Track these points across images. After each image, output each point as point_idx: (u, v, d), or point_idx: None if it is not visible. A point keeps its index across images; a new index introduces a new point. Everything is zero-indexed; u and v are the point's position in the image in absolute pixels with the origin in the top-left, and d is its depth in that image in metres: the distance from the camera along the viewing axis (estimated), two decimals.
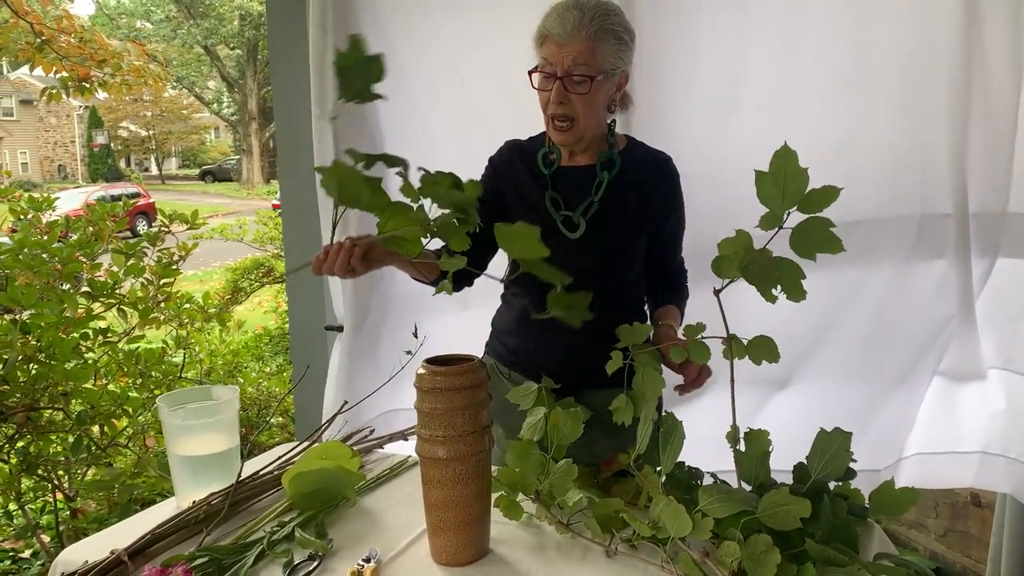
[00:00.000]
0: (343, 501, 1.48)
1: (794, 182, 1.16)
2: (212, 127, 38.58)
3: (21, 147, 33.16)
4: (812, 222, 1.19)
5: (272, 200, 20.35)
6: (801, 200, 1.16)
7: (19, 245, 2.28)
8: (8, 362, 1.85)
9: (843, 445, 1.23)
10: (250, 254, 6.54)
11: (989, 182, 1.82)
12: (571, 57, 1.51)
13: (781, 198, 1.17)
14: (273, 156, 33.96)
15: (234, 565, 1.27)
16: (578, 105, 1.55)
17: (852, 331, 2.02)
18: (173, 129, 34.67)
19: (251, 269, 5.99)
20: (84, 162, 34.31)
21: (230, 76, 32.08)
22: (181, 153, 39.79)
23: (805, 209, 1.17)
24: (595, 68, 1.52)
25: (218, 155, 38.53)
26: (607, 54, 1.53)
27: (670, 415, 1.34)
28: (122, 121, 33.64)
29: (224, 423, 1.50)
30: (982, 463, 2.06)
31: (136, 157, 37.39)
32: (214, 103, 34.65)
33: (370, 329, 2.26)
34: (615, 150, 1.65)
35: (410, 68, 2.19)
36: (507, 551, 1.32)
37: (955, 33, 1.77)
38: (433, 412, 1.24)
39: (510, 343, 1.73)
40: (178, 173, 38.42)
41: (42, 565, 2.72)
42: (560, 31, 1.51)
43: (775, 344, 1.28)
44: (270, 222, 6.16)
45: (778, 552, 1.11)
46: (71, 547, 1.39)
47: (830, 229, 1.18)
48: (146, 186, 23.28)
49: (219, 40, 30.63)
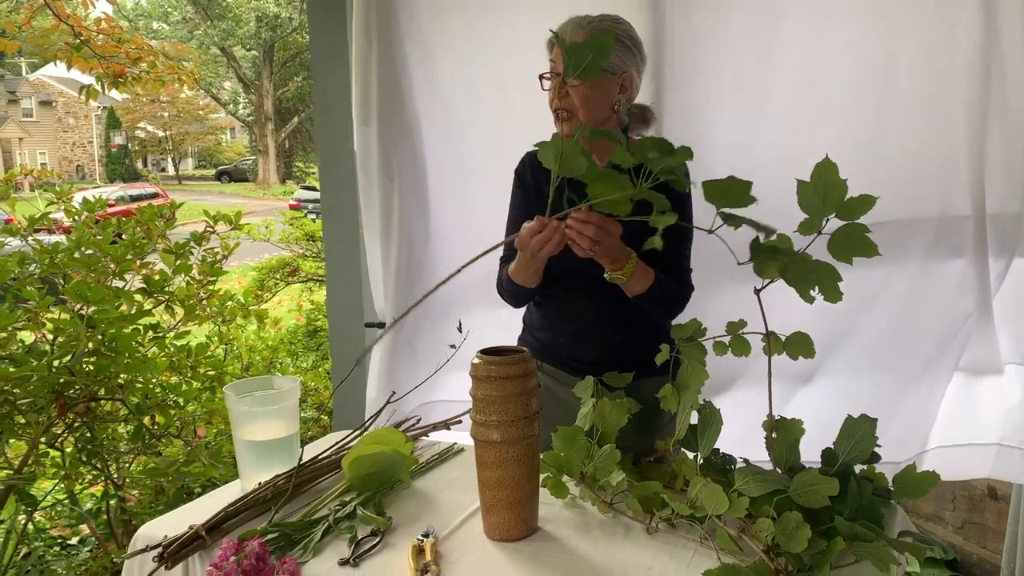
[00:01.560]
0: (397, 483, 1.58)
1: (835, 191, 1.25)
2: (228, 128, 38.89)
3: (40, 147, 33.52)
4: (850, 228, 1.28)
5: (289, 200, 20.54)
6: (840, 207, 1.26)
7: (76, 244, 2.39)
8: (76, 354, 1.96)
9: (868, 430, 1.33)
10: (273, 254, 6.67)
11: (1006, 185, 1.91)
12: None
13: (821, 205, 1.27)
14: (288, 156, 34.33)
15: (303, 540, 1.38)
16: (576, 98, 1.66)
17: (875, 328, 2.10)
18: (189, 130, 34.96)
19: (277, 268, 6.11)
20: (102, 162, 34.64)
21: (246, 77, 32.36)
22: (197, 153, 40.12)
23: (844, 216, 1.27)
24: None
25: (234, 155, 38.81)
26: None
27: (708, 403, 1.44)
28: (139, 122, 33.95)
29: (286, 410, 1.61)
30: (999, 455, 2.14)
31: (153, 157, 37.74)
32: (230, 104, 34.95)
33: (410, 326, 2.36)
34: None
35: (446, 70, 2.28)
36: (554, 528, 1.42)
37: (973, 45, 1.86)
38: (488, 399, 1.34)
39: (543, 337, 1.83)
40: (194, 173, 38.75)
41: (90, 551, 2.84)
42: (562, 33, 1.66)
43: (811, 340, 1.38)
44: (295, 222, 6.28)
45: (809, 528, 1.20)
46: (150, 523, 1.50)
47: (866, 235, 1.27)
48: (163, 186, 23.50)
49: (235, 41, 30.90)
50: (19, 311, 2.13)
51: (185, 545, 1.37)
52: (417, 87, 2.28)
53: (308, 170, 33.20)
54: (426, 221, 2.36)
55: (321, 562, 1.33)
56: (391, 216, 2.28)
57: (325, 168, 2.63)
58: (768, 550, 1.22)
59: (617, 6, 2.04)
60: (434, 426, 1.92)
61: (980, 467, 2.16)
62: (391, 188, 2.26)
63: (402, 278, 2.31)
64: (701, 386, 1.47)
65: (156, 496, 2.77)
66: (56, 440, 2.32)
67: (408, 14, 2.24)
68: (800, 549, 1.20)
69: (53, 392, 1.98)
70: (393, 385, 2.23)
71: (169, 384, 2.27)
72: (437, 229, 2.37)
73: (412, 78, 2.27)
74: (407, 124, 2.28)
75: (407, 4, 2.25)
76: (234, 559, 1.30)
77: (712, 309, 1.80)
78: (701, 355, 1.51)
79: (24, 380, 1.88)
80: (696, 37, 2.08)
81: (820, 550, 1.23)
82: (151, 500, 2.75)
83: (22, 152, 32.11)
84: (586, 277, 1.66)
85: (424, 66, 2.26)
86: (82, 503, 2.90)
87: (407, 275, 2.33)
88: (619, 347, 1.75)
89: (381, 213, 2.27)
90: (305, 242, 6.04)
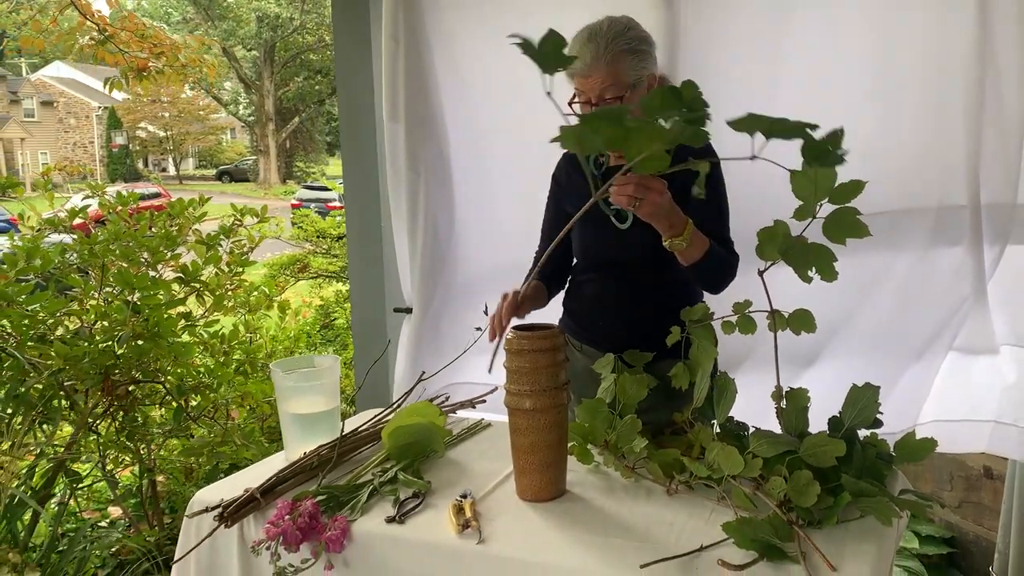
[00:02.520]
0: (432, 453, 1.70)
1: (825, 178, 1.37)
2: (229, 128, 38.99)
3: (42, 148, 33.62)
4: (842, 211, 1.40)
5: (291, 200, 20.66)
6: (832, 193, 1.37)
7: (112, 237, 2.51)
8: (121, 338, 2.08)
9: (872, 397, 1.45)
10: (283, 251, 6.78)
11: (1000, 177, 2.01)
12: (598, 84, 1.70)
13: (814, 192, 1.38)
14: (289, 156, 34.44)
15: (350, 501, 1.50)
16: None
17: (877, 311, 2.22)
18: (190, 130, 35.03)
19: (287, 265, 6.22)
20: (103, 162, 34.72)
21: (247, 77, 32.45)
22: (198, 153, 40.21)
23: (835, 201, 1.38)
24: (622, 86, 1.71)
25: (234, 155, 38.91)
26: (629, 70, 1.71)
27: (724, 374, 1.56)
28: (140, 122, 34.04)
29: (327, 386, 1.73)
30: (994, 431, 2.25)
31: (154, 157, 37.82)
32: (231, 104, 35.05)
33: (435, 311, 2.48)
34: None
35: (469, 69, 2.41)
36: (581, 491, 1.53)
37: (969, 46, 1.96)
38: (520, 370, 1.46)
39: (583, 321, 1.95)
40: (195, 173, 38.84)
41: (121, 533, 2.95)
42: (582, 65, 1.70)
43: (812, 315, 1.49)
44: (305, 220, 6.39)
45: (818, 485, 1.32)
46: (206, 488, 1.62)
47: (857, 217, 1.39)
48: (164, 186, 23.61)
49: (236, 42, 31.00)
50: (65, 298, 2.24)
51: (242, 506, 1.48)
52: (443, 85, 2.40)
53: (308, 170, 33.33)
54: (451, 212, 2.49)
55: (368, 520, 1.44)
56: (417, 207, 2.40)
57: (349, 163, 2.74)
58: (780, 505, 1.34)
59: (631, 5, 2.17)
60: (461, 404, 2.04)
61: (977, 442, 2.27)
62: (417, 181, 2.39)
63: (427, 266, 2.44)
64: (712, 361, 1.58)
65: (186, 477, 2.88)
66: (95, 423, 2.44)
67: (434, 15, 2.36)
68: (810, 504, 1.32)
69: (100, 373, 2.09)
70: (419, 368, 2.34)
71: (206, 367, 2.39)
72: (461, 219, 2.49)
73: (438, 77, 2.39)
74: (433, 120, 2.40)
75: (433, 5, 2.37)
76: (289, 517, 1.41)
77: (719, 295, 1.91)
78: (711, 335, 1.62)
79: (77, 360, 1.99)
80: (708, 35, 2.19)
81: (828, 505, 1.35)
82: (182, 482, 2.87)
83: (24, 152, 32.20)
84: (620, 265, 1.78)
85: (449, 65, 2.39)
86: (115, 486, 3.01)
87: (432, 263, 2.45)
88: (648, 331, 1.86)
89: (408, 205, 2.40)
90: (315, 239, 6.15)
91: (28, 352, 2.12)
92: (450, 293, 2.53)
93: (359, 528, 1.43)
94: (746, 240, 1.60)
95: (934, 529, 2.91)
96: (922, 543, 2.83)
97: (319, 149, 36.15)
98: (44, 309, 2.15)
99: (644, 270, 1.84)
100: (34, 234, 2.56)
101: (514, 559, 1.32)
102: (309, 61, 31.92)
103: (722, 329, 1.65)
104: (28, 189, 9.43)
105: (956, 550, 2.87)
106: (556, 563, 1.29)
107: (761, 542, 1.26)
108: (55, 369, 2.03)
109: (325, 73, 31.46)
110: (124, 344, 2.09)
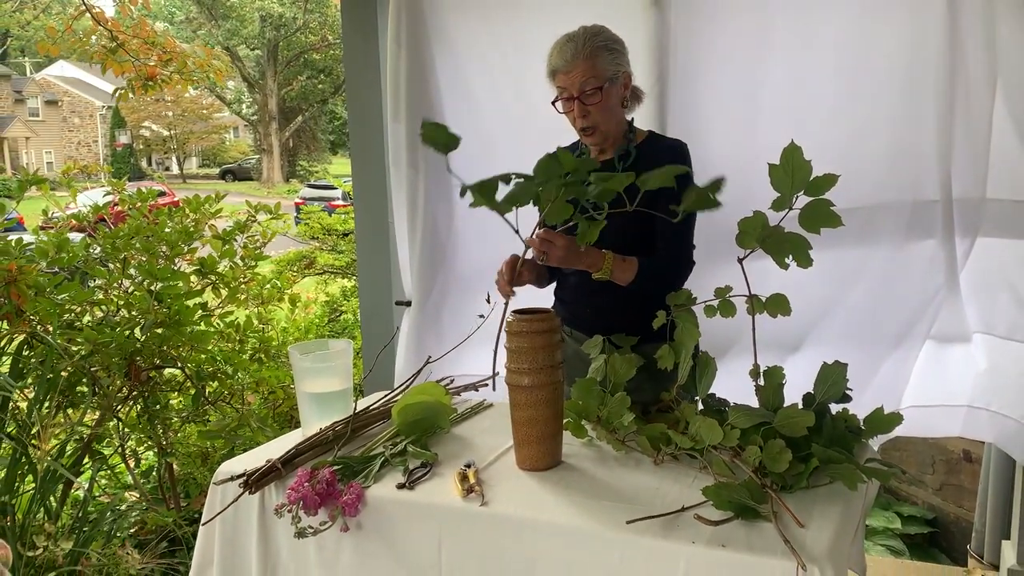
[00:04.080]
0: (439, 429, 1.84)
1: (800, 171, 1.50)
2: (232, 127, 39.15)
3: (46, 147, 33.80)
4: (816, 203, 1.53)
5: (294, 198, 20.81)
6: (807, 185, 1.51)
7: (133, 231, 2.65)
8: (145, 326, 2.22)
9: (840, 374, 1.59)
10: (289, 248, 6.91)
11: (970, 173, 2.15)
12: (579, 78, 1.89)
13: (790, 185, 1.52)
14: (292, 155, 34.59)
15: (364, 470, 1.63)
16: (597, 114, 1.93)
17: (855, 301, 2.35)
18: (194, 129, 35.16)
19: (294, 261, 6.35)
20: (107, 161, 34.85)
21: (250, 76, 32.61)
22: (201, 152, 40.37)
23: (811, 193, 1.52)
24: (601, 78, 1.90)
25: (238, 154, 39.03)
26: (606, 64, 1.90)
27: (705, 353, 1.69)
28: (144, 121, 34.18)
29: (340, 368, 1.86)
30: (968, 415, 2.39)
31: (157, 156, 37.99)
32: (234, 103, 35.19)
33: (433, 304, 2.63)
34: (632, 144, 2.00)
35: (470, 71, 2.55)
36: (576, 462, 1.67)
37: (941, 52, 2.10)
38: (520, 349, 1.60)
39: (571, 308, 2.09)
40: (198, 172, 38.98)
41: (137, 515, 3.08)
42: (563, 62, 1.89)
43: (787, 299, 1.62)
44: (311, 217, 6.52)
45: (790, 452, 1.46)
46: (230, 460, 1.76)
47: (830, 208, 1.52)
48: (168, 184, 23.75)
49: (240, 41, 31.17)
50: (91, 289, 2.38)
51: (265, 475, 1.62)
52: (444, 86, 2.54)
53: (311, 169, 33.40)
54: (450, 210, 2.62)
55: (381, 487, 1.58)
56: (416, 205, 2.55)
57: (357, 162, 2.88)
58: (756, 471, 1.47)
59: (624, 12, 2.31)
60: (464, 387, 2.17)
61: (951, 426, 2.41)
62: (416, 180, 2.54)
63: (426, 260, 2.59)
64: (695, 343, 1.72)
65: (202, 462, 3.02)
66: (117, 408, 2.58)
67: (435, 20, 2.50)
68: (782, 470, 1.46)
69: (125, 359, 2.23)
70: (421, 357, 2.48)
71: (224, 354, 2.53)
72: (461, 217, 2.63)
73: (439, 79, 2.53)
74: (434, 120, 2.53)
75: (433, 10, 2.51)
76: (309, 484, 1.55)
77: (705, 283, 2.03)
78: (693, 318, 1.76)
79: (104, 346, 2.13)
80: (696, 40, 2.33)
81: (799, 471, 1.48)
82: (198, 465, 3.01)
83: (28, 151, 32.39)
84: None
85: (449, 67, 2.53)
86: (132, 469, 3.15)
87: (431, 257, 2.60)
88: (631, 317, 1.99)
89: (408, 203, 2.54)
90: (322, 236, 6.28)
91: (57, 339, 2.25)
92: (449, 287, 2.66)
93: (372, 494, 1.56)
94: (731, 231, 1.73)
95: (916, 510, 3.05)
96: (904, 523, 2.97)
97: (322, 148, 36.30)
98: (73, 299, 2.29)
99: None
100: (57, 228, 2.70)
101: (514, 518, 1.46)
102: (312, 60, 32.10)
103: (704, 313, 1.79)
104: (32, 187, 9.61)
105: (937, 530, 3.01)
106: (551, 521, 1.43)
107: (736, 503, 1.40)
108: (84, 354, 2.17)
109: (328, 72, 31.63)
110: (147, 331, 2.23)
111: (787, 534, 1.30)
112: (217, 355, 2.54)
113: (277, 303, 3.38)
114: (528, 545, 1.44)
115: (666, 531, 1.37)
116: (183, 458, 3.01)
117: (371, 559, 1.56)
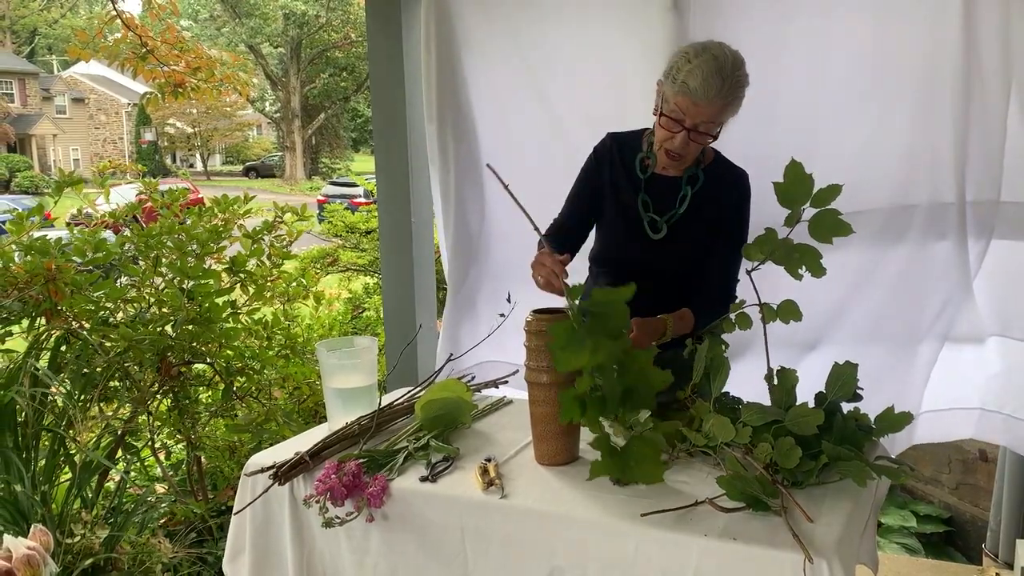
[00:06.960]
0: (460, 424, 1.90)
1: (803, 186, 1.56)
2: (255, 124, 39.49)
3: (73, 144, 34.28)
4: (823, 214, 1.58)
5: (317, 196, 20.99)
6: (812, 198, 1.56)
7: (165, 230, 2.73)
8: (177, 322, 2.30)
9: (851, 374, 1.63)
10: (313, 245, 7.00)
11: (984, 175, 2.18)
12: (706, 116, 1.77)
13: (796, 198, 1.57)
14: (315, 152, 34.86)
15: (388, 463, 1.70)
16: (694, 150, 1.85)
17: (871, 302, 2.38)
18: (218, 126, 35.49)
19: (318, 258, 6.43)
20: (132, 158, 35.28)
21: (274, 74, 32.88)
22: (225, 150, 40.76)
23: (817, 204, 1.57)
24: (719, 125, 1.82)
25: (261, 152, 39.37)
26: (732, 112, 1.81)
27: (719, 352, 1.74)
28: (169, 118, 34.54)
29: (365, 364, 1.93)
30: (981, 418, 2.41)
31: (181, 153, 38.42)
32: (258, 101, 35.49)
33: (467, 293, 2.76)
34: (701, 166, 1.93)
35: (497, 75, 2.62)
36: (592, 456, 1.72)
37: (956, 55, 2.12)
38: (539, 348, 1.65)
39: None
40: (222, 169, 39.36)
41: (166, 507, 3.17)
42: (701, 94, 1.72)
43: (797, 305, 1.68)
44: (335, 215, 6.60)
45: (800, 449, 1.51)
46: (260, 453, 1.83)
47: (838, 217, 1.57)
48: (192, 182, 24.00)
49: (263, 39, 31.44)
50: (124, 286, 2.46)
51: (293, 467, 1.69)
52: (472, 90, 2.63)
53: (334, 166, 33.58)
54: (482, 204, 2.74)
55: (404, 479, 1.65)
56: (449, 200, 2.67)
57: (381, 160, 2.94)
58: (767, 467, 1.52)
59: (644, 15, 2.36)
60: (486, 384, 2.23)
61: (964, 429, 2.43)
62: (448, 177, 2.65)
63: (459, 250, 2.74)
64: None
65: (229, 455, 3.10)
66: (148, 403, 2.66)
67: (462, 24, 2.58)
68: (792, 466, 1.50)
69: (158, 355, 2.31)
70: (457, 345, 2.59)
71: (251, 350, 2.60)
72: (491, 210, 2.72)
73: (468, 83, 2.63)
74: (463, 122, 2.64)
75: (461, 16, 2.58)
76: (336, 476, 1.61)
77: None
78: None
79: (138, 342, 2.21)
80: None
81: (809, 468, 1.53)
82: (226, 459, 3.09)
83: (55, 148, 32.88)
84: (639, 269, 1.87)
85: (477, 72, 2.61)
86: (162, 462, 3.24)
87: (464, 248, 2.75)
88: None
89: (442, 198, 2.65)
90: (345, 234, 6.35)
91: (93, 335, 2.34)
92: (483, 275, 2.76)
93: (396, 486, 1.63)
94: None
95: (932, 509, 3.07)
96: (920, 522, 2.99)
97: (344, 145, 36.53)
98: (108, 296, 2.37)
99: (661, 279, 1.95)
100: (92, 226, 2.78)
101: (532, 510, 1.52)
102: (334, 58, 32.31)
103: (724, 327, 1.84)
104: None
105: (953, 529, 3.04)
106: (568, 513, 1.49)
107: (749, 495, 1.45)
108: (120, 350, 2.25)
109: (351, 70, 31.83)
110: (179, 328, 2.31)
111: (796, 528, 1.35)
112: (245, 351, 2.62)
113: (302, 300, 3.46)
114: (547, 535, 1.50)
115: (680, 524, 1.43)
116: (211, 452, 3.09)
117: (399, 545, 1.63)
